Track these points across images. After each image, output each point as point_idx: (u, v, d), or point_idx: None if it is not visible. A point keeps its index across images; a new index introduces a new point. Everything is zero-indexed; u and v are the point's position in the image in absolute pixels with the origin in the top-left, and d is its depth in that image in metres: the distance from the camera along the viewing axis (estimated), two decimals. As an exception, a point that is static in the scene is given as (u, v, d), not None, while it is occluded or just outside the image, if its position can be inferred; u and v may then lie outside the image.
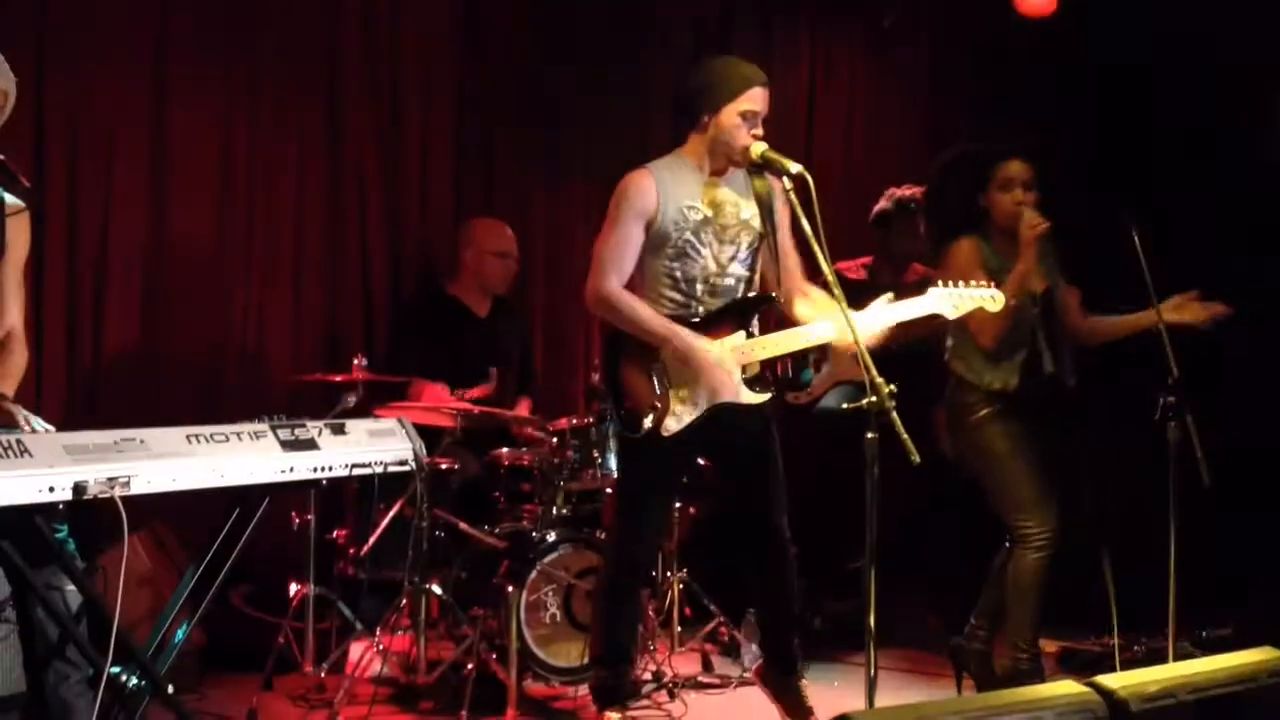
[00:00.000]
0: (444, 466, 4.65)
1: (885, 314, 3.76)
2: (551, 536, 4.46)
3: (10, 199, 3.14)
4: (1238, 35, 5.98)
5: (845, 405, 3.40)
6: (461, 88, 5.82)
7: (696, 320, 3.82)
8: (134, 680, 2.94)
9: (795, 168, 3.52)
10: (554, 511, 4.63)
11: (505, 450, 4.84)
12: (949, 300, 3.85)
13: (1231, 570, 5.40)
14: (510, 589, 4.29)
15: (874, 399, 3.18)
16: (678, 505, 4.86)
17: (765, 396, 3.83)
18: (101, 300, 4.97)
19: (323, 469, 3.12)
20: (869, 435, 3.19)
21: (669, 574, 4.96)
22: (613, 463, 4.60)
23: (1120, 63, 6.34)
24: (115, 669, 2.86)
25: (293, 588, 4.53)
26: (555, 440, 4.72)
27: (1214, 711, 2.60)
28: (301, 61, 5.41)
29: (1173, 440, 4.08)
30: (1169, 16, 6.12)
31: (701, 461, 4.51)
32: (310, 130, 5.44)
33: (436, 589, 4.46)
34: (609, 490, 4.79)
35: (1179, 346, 4.13)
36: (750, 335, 3.82)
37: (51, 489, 2.63)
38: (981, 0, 6.59)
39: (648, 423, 3.75)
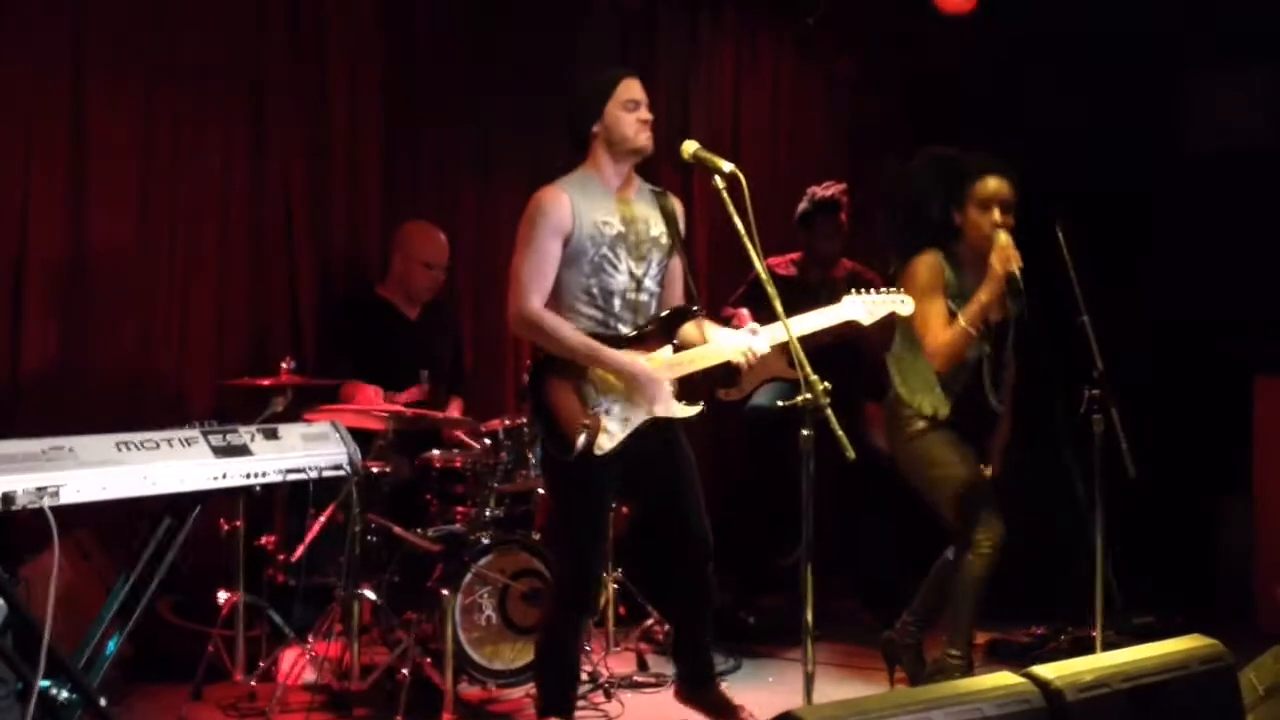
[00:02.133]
0: (375, 470, 4.60)
1: (804, 323, 3.77)
2: (485, 539, 4.44)
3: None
4: (1161, 29, 6.13)
5: (780, 402, 3.42)
6: (388, 87, 5.75)
7: (625, 336, 3.79)
8: (64, 693, 2.87)
9: (728, 166, 3.53)
10: (487, 513, 4.59)
11: (437, 452, 4.81)
12: (864, 307, 3.93)
13: (1152, 558, 5.52)
14: (445, 592, 4.26)
15: (809, 396, 3.21)
16: (612, 505, 4.85)
17: (697, 409, 3.85)
18: (20, 306, 4.84)
19: (256, 475, 3.07)
20: (804, 432, 3.21)
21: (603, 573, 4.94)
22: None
23: (1041, 59, 6.44)
24: (45, 682, 2.81)
25: (222, 595, 4.46)
26: (488, 441, 4.69)
27: (1147, 699, 2.65)
28: (225, 61, 5.31)
29: (1096, 432, 4.15)
30: (1086, 10, 6.25)
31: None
32: (234, 130, 5.34)
33: (369, 594, 4.41)
34: (540, 491, 4.76)
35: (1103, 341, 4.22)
36: (677, 349, 3.82)
37: (-22, 500, 2.57)
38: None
39: (581, 443, 3.67)
